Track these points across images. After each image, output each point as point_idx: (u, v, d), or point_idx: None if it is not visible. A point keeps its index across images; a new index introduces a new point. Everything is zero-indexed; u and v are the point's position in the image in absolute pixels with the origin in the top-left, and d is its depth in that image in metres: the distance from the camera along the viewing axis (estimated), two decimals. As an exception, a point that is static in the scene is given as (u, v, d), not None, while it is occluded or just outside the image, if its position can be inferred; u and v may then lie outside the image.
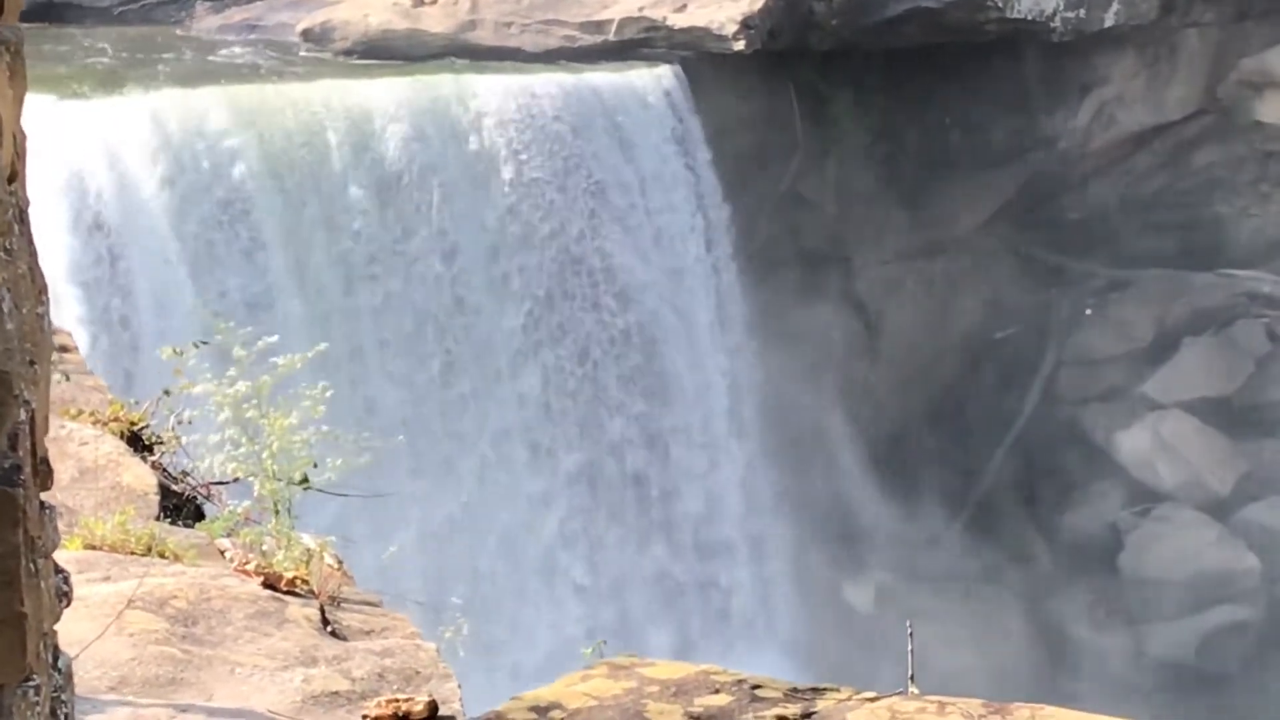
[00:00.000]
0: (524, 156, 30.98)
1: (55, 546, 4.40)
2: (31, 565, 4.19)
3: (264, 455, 10.64)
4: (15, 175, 4.31)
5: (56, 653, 4.46)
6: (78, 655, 7.90)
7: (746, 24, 33.53)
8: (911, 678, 8.22)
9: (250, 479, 10.90)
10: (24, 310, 4.24)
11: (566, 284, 31.49)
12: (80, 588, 8.09)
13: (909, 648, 9.09)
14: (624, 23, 34.06)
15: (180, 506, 11.63)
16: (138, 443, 12.15)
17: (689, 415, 33.25)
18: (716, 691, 6.53)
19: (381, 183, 29.65)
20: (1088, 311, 38.60)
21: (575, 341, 31.66)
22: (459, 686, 8.65)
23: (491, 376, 30.69)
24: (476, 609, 26.29)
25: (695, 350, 33.54)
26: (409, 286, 29.80)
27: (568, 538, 31.57)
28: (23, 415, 4.18)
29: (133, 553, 9.89)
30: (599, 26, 34.15)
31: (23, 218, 4.36)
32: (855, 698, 6.55)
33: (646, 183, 32.70)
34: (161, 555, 9.96)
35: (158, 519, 10.94)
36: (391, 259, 29.70)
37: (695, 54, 33.75)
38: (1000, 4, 35.43)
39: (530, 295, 31.10)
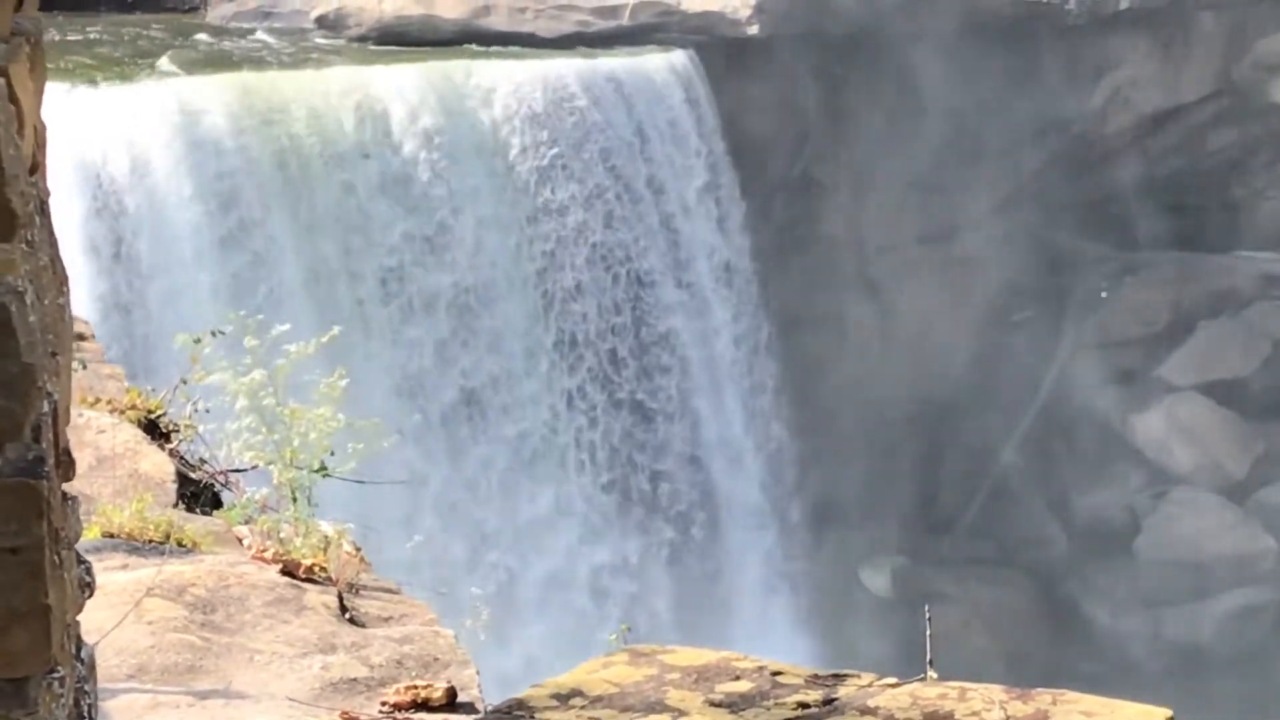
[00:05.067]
0: (537, 143, 30.93)
1: (78, 537, 4.40)
2: (56, 557, 4.18)
3: (294, 442, 10.61)
4: (36, 167, 4.29)
5: (79, 643, 4.46)
6: (97, 643, 7.90)
7: (761, 8, 33.48)
8: (930, 662, 8.20)
9: (269, 467, 10.89)
10: (46, 302, 4.23)
11: (581, 270, 31.45)
12: (98, 575, 8.11)
13: (927, 632, 9.07)
14: (638, 7, 34.01)
15: (198, 494, 11.61)
16: (155, 430, 12.13)
17: (705, 399, 33.21)
18: (738, 678, 6.53)
19: (395, 170, 29.62)
20: (1103, 294, 38.53)
21: (592, 329, 31.62)
22: (478, 673, 8.64)
23: (505, 371, 30.66)
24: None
25: (710, 335, 33.50)
26: (425, 274, 29.78)
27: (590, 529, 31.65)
28: (46, 407, 4.17)
29: (151, 540, 9.87)
30: (613, 11, 34.11)
31: (44, 209, 4.34)
32: (877, 684, 6.54)
33: (660, 168, 32.66)
34: (179, 543, 9.94)
35: (175, 506, 10.92)
36: (405, 248, 29.67)
37: (709, 38, 33.70)
38: (1015, -14, 35.39)
39: (547, 281, 31.07)
